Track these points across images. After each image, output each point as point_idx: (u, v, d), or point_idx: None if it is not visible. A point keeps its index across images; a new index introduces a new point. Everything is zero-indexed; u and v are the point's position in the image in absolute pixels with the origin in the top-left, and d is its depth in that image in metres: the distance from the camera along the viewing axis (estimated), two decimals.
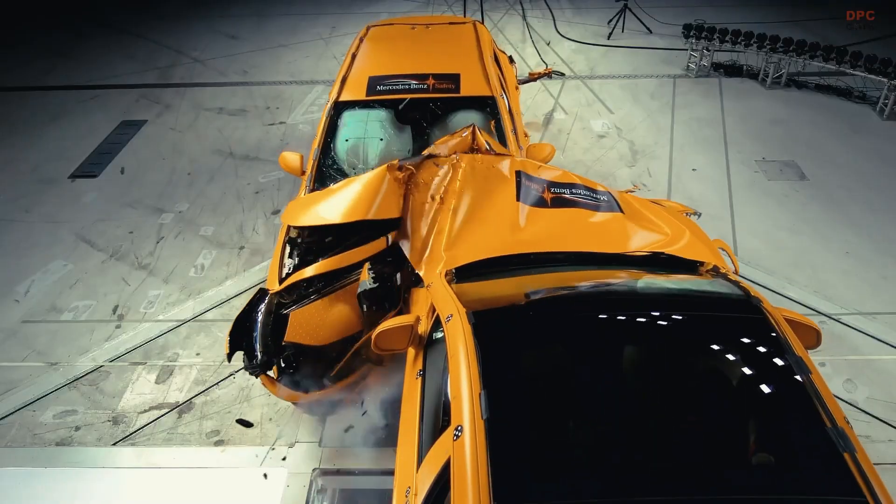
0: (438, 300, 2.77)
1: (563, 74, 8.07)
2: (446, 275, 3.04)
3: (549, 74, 7.04)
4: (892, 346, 4.53)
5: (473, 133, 4.04)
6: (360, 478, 3.71)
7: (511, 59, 6.65)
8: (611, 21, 10.33)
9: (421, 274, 3.34)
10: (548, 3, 10.73)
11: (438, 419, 2.40)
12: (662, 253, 3.24)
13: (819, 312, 4.80)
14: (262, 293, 3.60)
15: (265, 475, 3.73)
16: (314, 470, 3.73)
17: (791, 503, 1.92)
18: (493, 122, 4.72)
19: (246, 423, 4.05)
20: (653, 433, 2.16)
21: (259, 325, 3.38)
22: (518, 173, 3.72)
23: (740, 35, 8.55)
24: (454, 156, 3.86)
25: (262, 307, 3.46)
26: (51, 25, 11.87)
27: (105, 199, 6.61)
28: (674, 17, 10.42)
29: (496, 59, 5.59)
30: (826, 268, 5.32)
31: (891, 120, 7.64)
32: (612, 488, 1.93)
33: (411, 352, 2.96)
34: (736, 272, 3.37)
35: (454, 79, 4.95)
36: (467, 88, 4.88)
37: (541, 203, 3.57)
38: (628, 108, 8.08)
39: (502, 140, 4.59)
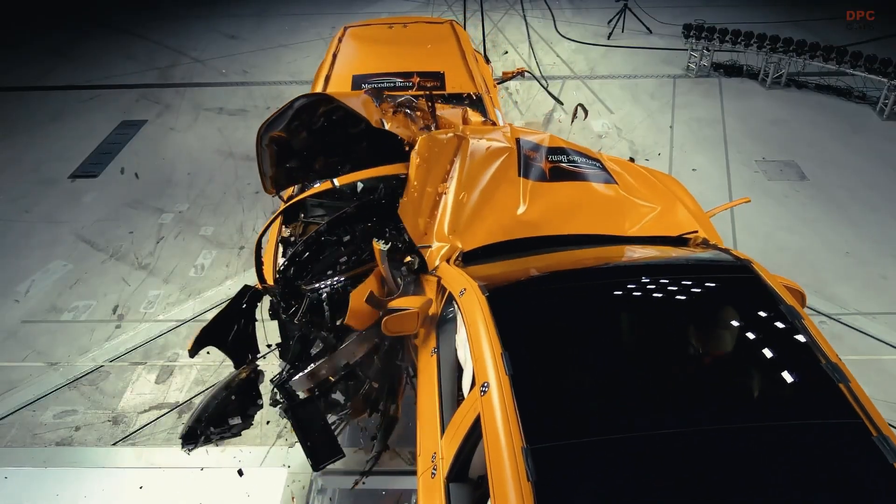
0: (449, 279, 2.91)
1: (561, 103, 8.13)
2: (455, 259, 3.17)
3: (521, 73, 7.10)
4: (892, 346, 4.53)
5: (464, 114, 4.11)
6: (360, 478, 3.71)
7: (487, 59, 6.73)
8: (611, 21, 10.34)
9: (425, 257, 3.36)
10: (548, 3, 10.73)
11: (457, 388, 2.59)
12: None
13: (819, 312, 4.80)
14: (247, 290, 3.43)
15: (247, 482, 3.70)
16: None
17: (797, 429, 2.06)
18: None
19: None
20: (663, 376, 2.31)
21: (207, 398, 3.10)
22: (518, 140, 3.76)
23: (740, 35, 8.55)
24: (453, 111, 3.99)
25: (221, 382, 3.17)
26: (51, 25, 11.87)
27: (105, 199, 6.61)
28: (674, 17, 10.42)
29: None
30: (826, 268, 5.32)
31: (891, 120, 7.64)
32: (630, 424, 2.08)
33: (422, 332, 3.06)
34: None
35: (439, 77, 5.00)
36: (453, 86, 4.93)
37: (541, 176, 3.65)
38: (628, 108, 8.08)
39: None
